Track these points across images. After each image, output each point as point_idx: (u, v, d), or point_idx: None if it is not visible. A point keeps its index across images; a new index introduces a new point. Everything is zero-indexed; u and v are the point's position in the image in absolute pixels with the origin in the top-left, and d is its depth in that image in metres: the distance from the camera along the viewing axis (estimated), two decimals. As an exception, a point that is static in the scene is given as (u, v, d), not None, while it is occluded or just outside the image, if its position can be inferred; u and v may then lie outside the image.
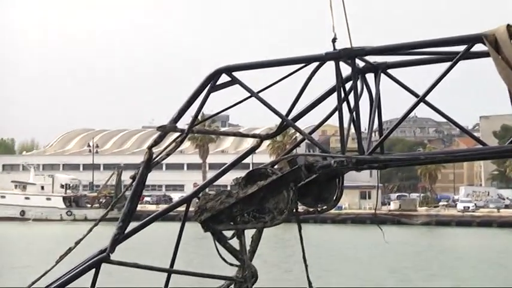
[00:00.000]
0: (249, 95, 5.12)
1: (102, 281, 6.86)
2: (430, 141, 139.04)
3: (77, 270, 6.60)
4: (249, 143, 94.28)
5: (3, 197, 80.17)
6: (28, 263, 23.95)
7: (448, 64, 4.72)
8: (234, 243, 5.90)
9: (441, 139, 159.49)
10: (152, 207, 62.59)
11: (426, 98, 4.75)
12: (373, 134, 4.91)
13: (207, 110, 6.06)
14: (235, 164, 5.60)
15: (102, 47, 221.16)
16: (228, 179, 6.00)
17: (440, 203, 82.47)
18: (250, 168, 5.17)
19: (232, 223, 5.35)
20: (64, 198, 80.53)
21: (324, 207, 5.17)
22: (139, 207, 6.66)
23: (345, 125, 4.93)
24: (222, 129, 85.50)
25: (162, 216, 6.87)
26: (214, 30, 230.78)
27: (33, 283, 6.93)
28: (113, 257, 6.69)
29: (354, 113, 4.92)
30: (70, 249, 6.77)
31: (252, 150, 5.67)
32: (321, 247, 38.25)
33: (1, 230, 56.18)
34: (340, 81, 4.89)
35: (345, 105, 4.97)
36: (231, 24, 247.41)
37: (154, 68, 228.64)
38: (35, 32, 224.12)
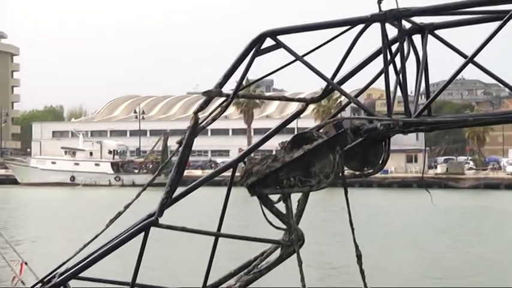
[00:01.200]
0: (293, 59, 5.10)
1: (150, 246, 6.99)
2: (478, 103, 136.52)
3: (126, 234, 6.74)
4: (293, 107, 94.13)
5: (53, 163, 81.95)
6: (79, 226, 24.52)
7: (497, 23, 4.61)
8: (281, 207, 5.94)
9: (489, 101, 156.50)
10: (198, 173, 63.21)
11: (475, 59, 4.66)
12: (419, 97, 4.85)
13: (252, 76, 6.05)
14: (280, 129, 5.60)
15: (148, 13, 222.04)
16: (273, 144, 6.01)
17: (489, 166, 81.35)
18: (295, 133, 5.17)
19: (278, 187, 5.38)
20: (112, 164, 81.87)
21: (370, 171, 5.15)
22: (185, 172, 6.74)
23: (391, 88, 4.88)
24: (267, 94, 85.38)
25: (208, 181, 6.95)
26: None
27: (85, 246, 7.11)
28: (161, 221, 6.80)
29: (401, 75, 4.86)
30: (120, 213, 6.89)
31: (297, 115, 5.66)
32: (367, 211, 38.19)
33: (53, 195, 57.53)
34: (386, 43, 4.82)
35: (391, 67, 4.91)
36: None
37: (198, 35, 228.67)
38: None
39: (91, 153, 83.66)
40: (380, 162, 5.12)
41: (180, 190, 6.79)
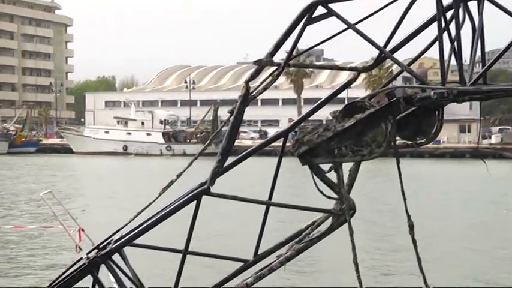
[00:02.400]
0: (345, 27, 5.05)
1: (201, 214, 7.09)
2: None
3: (178, 203, 6.84)
4: (343, 78, 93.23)
5: (106, 132, 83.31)
6: (132, 194, 24.96)
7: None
8: (332, 176, 5.93)
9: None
10: (248, 142, 63.45)
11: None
12: (474, 66, 4.76)
13: (302, 45, 6.02)
14: (331, 99, 5.57)
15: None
16: (323, 114, 5.99)
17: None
18: (346, 103, 5.14)
19: (329, 156, 5.37)
20: (163, 134, 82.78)
21: (423, 141, 5.10)
22: (235, 142, 6.78)
23: (446, 56, 4.79)
24: (317, 63, 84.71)
25: (259, 151, 6.98)
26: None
27: (139, 213, 7.24)
28: (212, 190, 6.87)
29: (455, 42, 4.77)
30: (172, 182, 6.99)
31: (348, 84, 5.62)
32: (419, 181, 37.84)
33: (106, 164, 58.61)
34: (441, 10, 4.73)
35: (445, 35, 4.82)
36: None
37: (250, 4, 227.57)
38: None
39: (143, 123, 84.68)
40: (433, 132, 5.06)
41: (231, 160, 6.84)
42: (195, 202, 6.72)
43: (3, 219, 18.62)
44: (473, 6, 4.94)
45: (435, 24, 4.77)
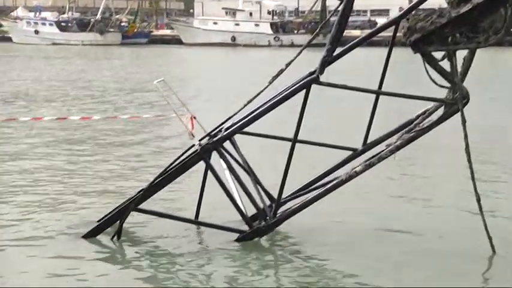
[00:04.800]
0: None
1: (310, 103, 7.13)
2: None
3: (288, 91, 6.90)
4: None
5: (215, 23, 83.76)
6: (242, 84, 25.30)
7: None
8: (445, 64, 5.77)
9: None
10: (357, 33, 62.18)
11: None
12: None
13: None
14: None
15: None
16: (436, 2, 5.78)
17: None
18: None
19: (443, 44, 5.23)
20: (271, 24, 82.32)
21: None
22: (344, 33, 6.67)
23: None
24: None
25: (368, 41, 6.85)
26: None
27: (249, 102, 7.38)
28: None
29: None
30: (282, 70, 7.03)
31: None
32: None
33: (216, 54, 59.37)
34: None
35: None
36: None
37: None
38: None
39: (250, 14, 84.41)
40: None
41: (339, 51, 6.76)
42: (304, 91, 6.75)
43: (120, 110, 19.46)
44: None
45: None
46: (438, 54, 5.85)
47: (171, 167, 7.50)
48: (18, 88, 26.47)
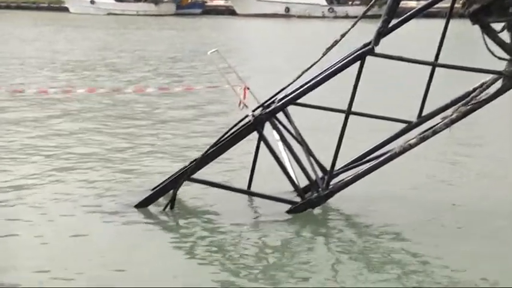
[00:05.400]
0: None
1: (364, 76, 7.05)
2: None
3: (342, 62, 6.84)
4: None
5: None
6: (296, 55, 25.18)
7: None
8: (505, 36, 5.63)
9: None
10: (413, 4, 60.98)
11: None
12: None
13: None
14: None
15: None
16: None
17: None
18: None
19: (503, 15, 5.09)
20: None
21: None
22: (400, 4, 6.55)
23: None
24: None
25: (425, 12, 6.71)
26: None
27: (303, 73, 7.33)
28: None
29: None
30: (336, 42, 6.96)
31: None
32: None
33: (269, 25, 59.15)
34: None
35: None
36: None
37: None
38: None
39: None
40: None
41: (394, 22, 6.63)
42: (359, 62, 6.68)
43: (176, 81, 19.62)
44: None
45: None
46: (498, 26, 5.69)
47: (224, 137, 7.55)
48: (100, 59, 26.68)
